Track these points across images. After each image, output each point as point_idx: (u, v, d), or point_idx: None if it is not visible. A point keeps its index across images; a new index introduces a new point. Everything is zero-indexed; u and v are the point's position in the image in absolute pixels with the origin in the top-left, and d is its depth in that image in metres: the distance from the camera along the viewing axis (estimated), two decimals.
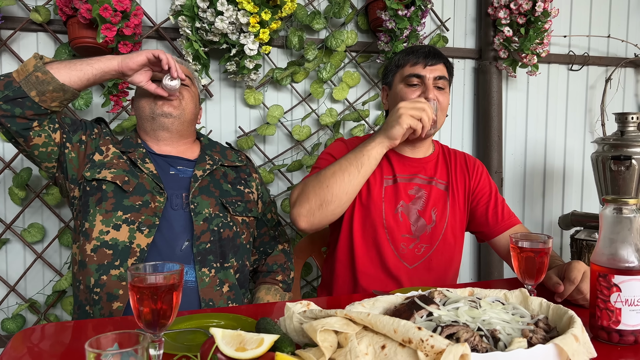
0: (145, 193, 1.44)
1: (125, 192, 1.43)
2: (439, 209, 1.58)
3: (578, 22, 2.66)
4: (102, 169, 1.45)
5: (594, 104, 2.72)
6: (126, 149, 1.51)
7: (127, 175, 1.45)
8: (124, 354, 0.66)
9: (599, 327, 0.99)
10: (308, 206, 1.39)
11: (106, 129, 1.59)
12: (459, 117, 2.53)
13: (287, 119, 2.26)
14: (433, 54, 1.54)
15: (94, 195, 1.43)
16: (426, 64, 1.52)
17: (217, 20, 1.91)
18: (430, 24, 2.43)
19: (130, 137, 1.57)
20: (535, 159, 2.66)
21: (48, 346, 1.00)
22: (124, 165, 1.47)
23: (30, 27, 1.93)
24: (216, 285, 1.44)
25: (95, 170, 1.44)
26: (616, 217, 0.99)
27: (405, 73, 1.55)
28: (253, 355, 0.75)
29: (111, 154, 1.49)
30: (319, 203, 1.39)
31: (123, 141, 1.55)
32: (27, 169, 1.95)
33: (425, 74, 1.52)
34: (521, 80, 2.58)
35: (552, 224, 2.69)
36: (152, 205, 1.42)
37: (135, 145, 1.54)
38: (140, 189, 1.44)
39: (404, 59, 1.56)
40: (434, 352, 0.72)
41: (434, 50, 1.57)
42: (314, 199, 1.39)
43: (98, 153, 1.48)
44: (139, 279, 0.85)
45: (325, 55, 2.22)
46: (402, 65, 1.57)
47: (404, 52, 1.59)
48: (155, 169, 1.49)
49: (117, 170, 1.45)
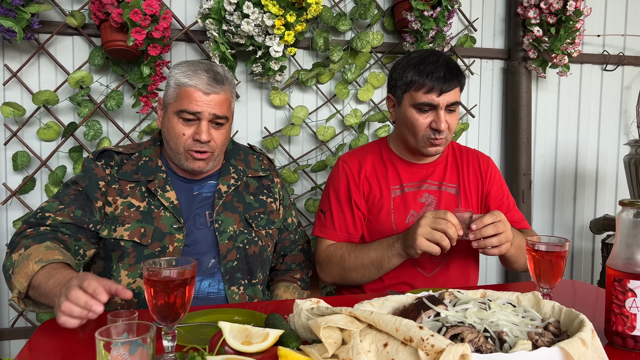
0: (163, 237, 1.41)
1: (144, 245, 1.40)
2: None
3: (613, 21, 2.58)
4: (116, 226, 1.40)
5: (630, 105, 2.64)
6: (146, 177, 1.46)
7: (143, 226, 1.41)
8: (132, 342, 0.69)
9: (614, 333, 0.97)
10: (331, 277, 1.59)
11: (109, 168, 1.48)
12: (487, 118, 2.50)
13: (312, 120, 2.29)
14: (449, 77, 1.43)
15: (115, 251, 1.41)
16: (441, 91, 1.43)
17: (243, 23, 1.95)
18: (458, 24, 2.41)
19: (150, 158, 1.50)
20: (566, 161, 2.60)
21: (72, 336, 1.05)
22: (136, 215, 1.42)
23: (66, 31, 2.02)
24: (246, 301, 1.47)
25: (111, 228, 1.40)
26: (633, 221, 0.97)
27: (417, 99, 1.45)
28: (258, 349, 0.77)
29: (120, 204, 1.42)
30: (342, 280, 1.58)
31: (141, 167, 1.48)
32: (62, 167, 2.03)
33: (438, 103, 1.44)
34: (552, 81, 2.53)
35: (583, 227, 2.62)
36: (170, 250, 1.41)
37: (156, 169, 1.48)
38: (157, 235, 1.41)
39: (419, 82, 1.45)
40: (434, 352, 0.72)
41: (449, 71, 1.44)
42: (337, 276, 1.57)
43: (107, 205, 1.43)
44: (154, 273, 0.89)
45: (350, 56, 2.24)
46: (414, 87, 1.46)
47: (417, 71, 1.45)
48: (176, 197, 1.45)
49: (132, 225, 1.40)
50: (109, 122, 2.10)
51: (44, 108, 2.02)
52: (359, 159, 1.62)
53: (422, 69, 1.44)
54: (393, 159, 1.61)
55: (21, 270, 1.20)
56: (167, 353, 0.88)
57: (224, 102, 1.44)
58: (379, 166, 1.60)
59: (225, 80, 1.44)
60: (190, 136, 1.42)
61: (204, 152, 1.43)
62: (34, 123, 2.04)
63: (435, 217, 1.32)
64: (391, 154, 1.62)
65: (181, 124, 1.42)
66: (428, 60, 1.45)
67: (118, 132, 2.11)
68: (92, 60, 2.02)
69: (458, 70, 1.47)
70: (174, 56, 2.13)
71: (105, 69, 2.08)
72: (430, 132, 1.48)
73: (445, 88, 1.43)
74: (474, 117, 2.47)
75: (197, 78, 1.40)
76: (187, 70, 1.42)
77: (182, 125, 1.42)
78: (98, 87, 2.06)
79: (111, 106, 2.03)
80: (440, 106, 1.45)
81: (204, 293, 1.44)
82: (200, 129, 1.41)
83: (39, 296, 1.19)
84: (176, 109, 1.41)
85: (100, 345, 0.67)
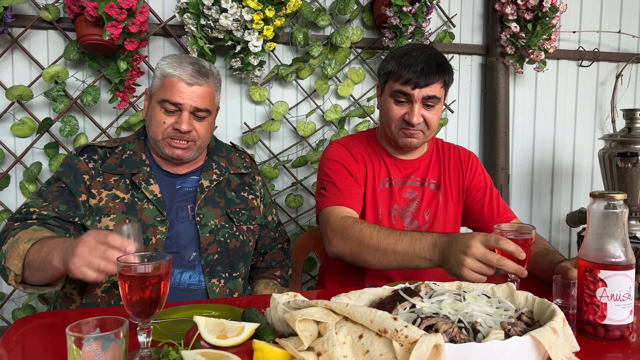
0: (146, 229, 1.41)
1: None
2: (432, 210, 1.58)
3: (588, 18, 2.62)
4: (101, 217, 1.40)
5: (605, 101, 2.69)
6: (130, 170, 1.46)
7: (127, 217, 1.41)
8: (105, 338, 0.68)
9: (585, 322, 0.99)
10: (341, 250, 1.42)
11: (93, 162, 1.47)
12: (465, 113, 2.53)
13: (292, 115, 2.28)
14: (426, 73, 1.43)
15: None
16: (416, 84, 1.43)
17: (221, 17, 1.94)
18: (437, 20, 2.43)
19: (134, 152, 1.51)
20: (544, 155, 2.64)
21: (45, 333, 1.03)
22: (121, 207, 1.42)
23: (40, 25, 1.98)
24: (226, 295, 1.48)
25: (95, 219, 1.40)
26: (603, 212, 0.99)
27: (394, 88, 1.47)
28: (233, 342, 0.77)
29: (105, 196, 1.42)
30: (352, 257, 1.41)
31: (125, 160, 1.48)
32: (37, 164, 2.00)
33: (413, 94, 1.45)
34: (529, 76, 2.56)
35: (560, 221, 2.67)
36: (152, 242, 1.41)
37: (140, 163, 1.49)
38: (141, 226, 1.40)
39: (397, 74, 1.46)
40: (408, 342, 0.73)
41: (427, 66, 1.43)
42: (349, 252, 1.41)
43: (91, 197, 1.42)
44: (128, 269, 0.88)
45: (330, 51, 2.24)
46: (393, 77, 1.47)
47: (399, 62, 1.46)
48: (159, 191, 1.46)
49: (117, 215, 1.40)
50: (86, 117, 2.07)
51: (18, 103, 1.99)
52: (354, 144, 1.61)
53: (403, 61, 1.45)
54: (380, 151, 1.61)
55: (13, 253, 1.21)
56: (142, 348, 0.87)
57: (206, 95, 1.46)
58: (372, 155, 1.60)
59: (209, 74, 1.47)
60: (170, 125, 1.44)
61: (184, 141, 1.45)
62: (7, 119, 2.00)
63: (487, 245, 1.16)
64: (378, 147, 1.62)
65: (163, 113, 1.44)
66: (411, 54, 1.46)
67: (95, 128, 2.08)
68: (67, 55, 1.99)
69: (440, 66, 1.46)
70: (152, 51, 2.11)
71: (81, 64, 2.05)
72: (402, 123, 1.49)
73: (421, 82, 1.43)
74: (452, 112, 2.49)
75: (182, 69, 1.43)
76: (173, 61, 1.46)
77: (164, 114, 1.44)
78: (74, 82, 2.03)
79: (87, 101, 2.00)
80: (415, 99, 1.45)
81: (185, 285, 1.44)
82: (181, 119, 1.43)
83: (35, 271, 1.19)
84: (159, 99, 1.44)
85: (71, 341, 0.66)
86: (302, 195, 2.29)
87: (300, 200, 2.27)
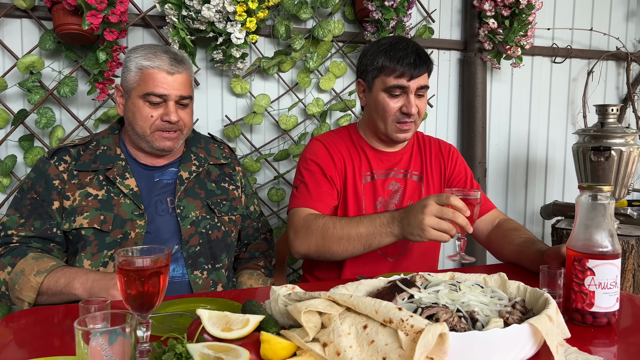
0: (124, 224, 1.41)
1: (105, 231, 1.40)
2: (415, 201, 1.60)
3: (562, 15, 2.70)
4: (75, 216, 1.39)
5: (576, 96, 2.77)
6: (104, 165, 1.45)
7: (102, 213, 1.40)
8: (112, 332, 0.67)
9: (574, 310, 1.02)
10: (307, 247, 1.44)
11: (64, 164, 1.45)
12: (444, 108, 2.56)
13: (274, 109, 2.27)
14: (419, 63, 1.47)
15: (78, 242, 1.40)
16: (412, 76, 1.46)
17: (203, 8, 1.91)
18: (417, 15, 2.45)
19: (109, 147, 1.49)
20: (519, 150, 2.70)
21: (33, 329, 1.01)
22: (94, 203, 1.41)
23: (14, 13, 1.91)
24: (210, 286, 1.48)
25: (70, 219, 1.40)
26: (591, 203, 1.02)
27: (389, 83, 1.48)
28: (239, 335, 0.77)
29: (78, 196, 1.41)
30: (318, 252, 1.44)
31: (99, 156, 1.47)
32: (11, 157, 1.94)
33: (409, 85, 1.47)
34: (505, 72, 2.62)
35: (534, 213, 2.74)
36: (132, 236, 1.41)
37: (114, 157, 1.47)
38: (118, 221, 1.41)
39: (390, 68, 1.47)
40: (413, 332, 0.74)
41: (419, 57, 1.47)
42: (315, 247, 1.43)
43: (65, 199, 1.41)
44: (126, 262, 0.86)
45: (312, 45, 2.23)
46: (385, 72, 1.48)
47: (389, 57, 1.48)
48: (136, 184, 1.45)
49: (90, 212, 1.39)
50: (62, 109, 2.01)
51: None
52: (334, 141, 1.62)
53: (393, 55, 1.47)
54: (363, 145, 1.62)
55: (24, 286, 1.29)
56: (141, 343, 0.86)
57: (187, 82, 1.48)
58: (352, 151, 1.61)
59: (185, 60, 1.49)
60: (158, 117, 1.44)
61: (173, 131, 1.46)
62: None
63: (440, 203, 1.24)
64: (361, 141, 1.63)
65: (148, 107, 1.43)
66: (398, 47, 1.48)
67: (72, 120, 2.03)
68: (42, 45, 1.92)
69: (426, 56, 1.51)
70: (131, 42, 2.07)
71: (58, 54, 1.99)
72: (400, 115, 1.50)
73: (415, 73, 1.46)
74: (432, 106, 2.53)
75: (159, 59, 1.42)
76: (146, 53, 1.44)
77: (149, 108, 1.43)
78: (50, 73, 1.97)
79: (64, 93, 1.94)
80: (411, 90, 1.48)
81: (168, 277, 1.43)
82: (168, 110, 1.43)
83: (50, 297, 1.29)
84: (141, 93, 1.42)
85: (79, 336, 0.65)
86: (284, 188, 2.28)
87: (282, 194, 2.27)
